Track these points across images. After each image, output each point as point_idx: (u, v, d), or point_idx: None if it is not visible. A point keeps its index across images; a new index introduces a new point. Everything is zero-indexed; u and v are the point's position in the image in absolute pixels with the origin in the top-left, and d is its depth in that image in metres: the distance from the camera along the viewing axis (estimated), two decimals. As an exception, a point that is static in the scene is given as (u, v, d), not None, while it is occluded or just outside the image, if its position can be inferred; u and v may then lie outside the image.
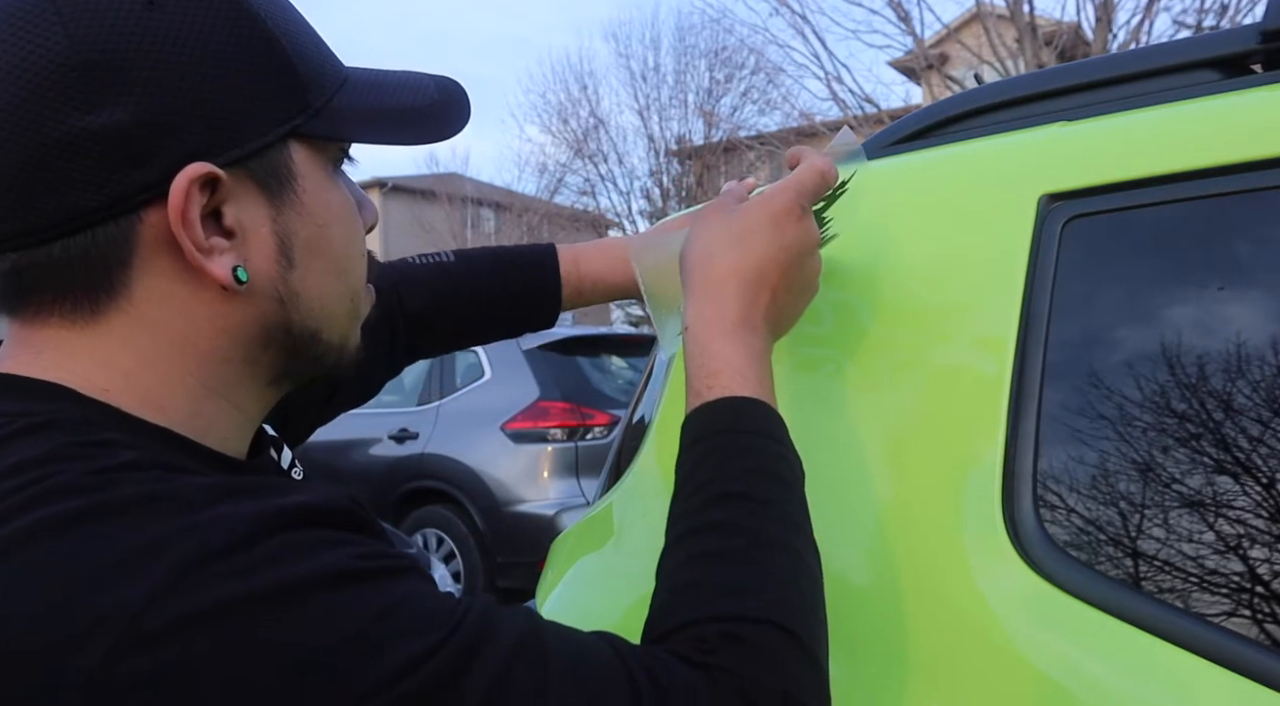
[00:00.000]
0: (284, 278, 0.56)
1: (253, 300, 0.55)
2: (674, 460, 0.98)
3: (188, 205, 0.51)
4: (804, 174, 0.74)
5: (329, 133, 0.57)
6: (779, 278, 0.70)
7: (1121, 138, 0.81)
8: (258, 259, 0.55)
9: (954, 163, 0.92)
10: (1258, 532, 0.66)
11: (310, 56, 0.56)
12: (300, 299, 0.57)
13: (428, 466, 4.95)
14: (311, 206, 0.57)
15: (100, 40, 0.49)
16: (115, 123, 0.49)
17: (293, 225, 0.56)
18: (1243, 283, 0.73)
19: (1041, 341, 0.77)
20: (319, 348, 0.60)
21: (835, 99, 11.06)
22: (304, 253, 0.57)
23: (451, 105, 0.63)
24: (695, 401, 0.68)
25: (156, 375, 0.53)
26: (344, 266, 0.60)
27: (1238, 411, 0.69)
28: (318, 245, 0.58)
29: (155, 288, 0.53)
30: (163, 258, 0.52)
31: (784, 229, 0.70)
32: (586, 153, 20.08)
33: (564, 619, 0.99)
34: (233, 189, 0.53)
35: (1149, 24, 9.19)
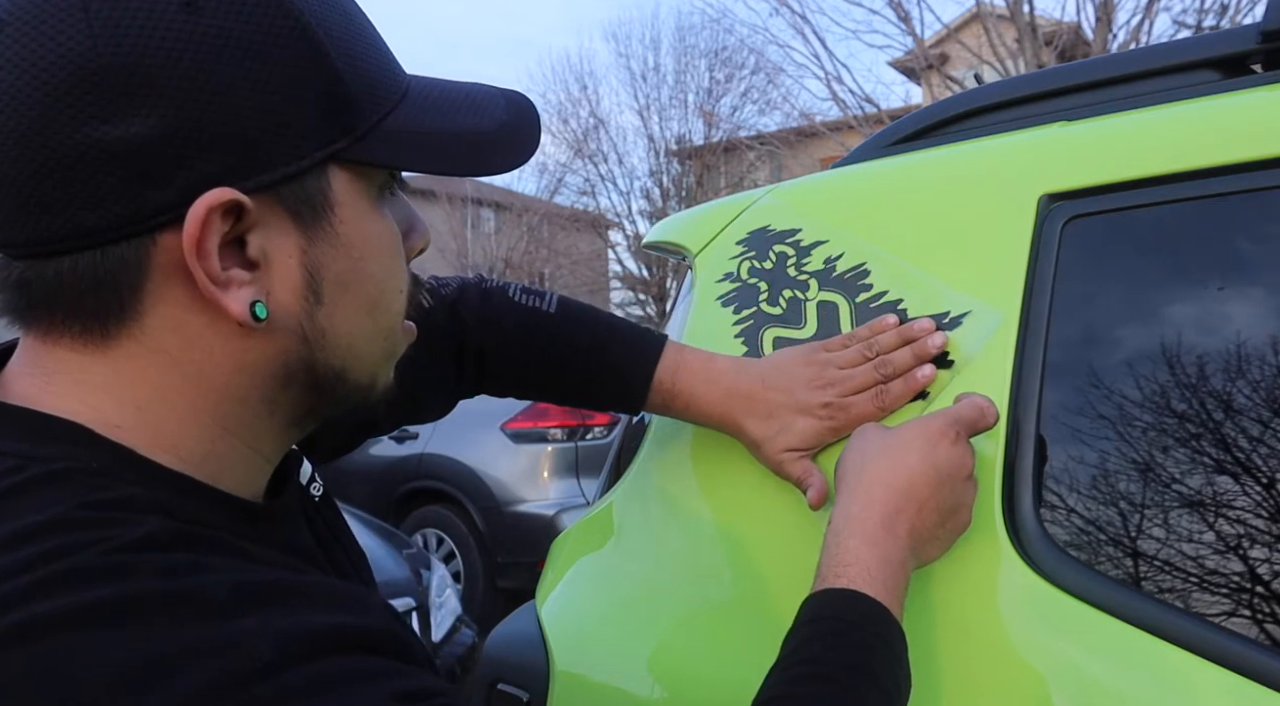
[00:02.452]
0: (310, 314, 0.51)
1: (274, 337, 0.50)
2: (674, 460, 0.98)
3: (204, 234, 0.46)
4: (964, 407, 0.73)
5: (374, 159, 0.51)
6: (928, 494, 0.69)
7: (1121, 138, 0.81)
8: (282, 293, 0.50)
9: (954, 163, 0.92)
10: (1258, 532, 0.66)
11: (364, 69, 0.51)
12: (327, 337, 0.52)
13: (428, 466, 4.95)
14: (348, 238, 0.51)
15: (127, 43, 0.44)
16: (134, 136, 0.44)
17: (325, 258, 0.51)
18: (1243, 283, 0.73)
19: (1041, 341, 0.77)
20: (344, 387, 0.55)
21: (835, 99, 11.06)
22: (335, 288, 0.51)
23: (520, 130, 0.57)
24: (820, 585, 0.66)
25: (170, 410, 0.49)
26: (379, 304, 0.55)
27: (1238, 411, 0.69)
28: (351, 280, 0.52)
29: (169, 316, 0.48)
30: (178, 285, 0.48)
31: (938, 448, 0.70)
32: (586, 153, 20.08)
33: (564, 619, 0.99)
34: (260, 216, 0.48)
35: (1149, 24, 9.19)
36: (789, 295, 0.93)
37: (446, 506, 4.92)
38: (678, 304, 1.12)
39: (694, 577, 0.92)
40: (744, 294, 0.96)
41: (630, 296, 20.58)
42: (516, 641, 1.02)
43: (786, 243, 0.95)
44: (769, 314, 0.93)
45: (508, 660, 1.01)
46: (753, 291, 0.96)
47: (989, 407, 0.73)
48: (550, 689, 0.97)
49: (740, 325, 0.95)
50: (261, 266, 0.49)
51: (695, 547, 0.92)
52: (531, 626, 1.01)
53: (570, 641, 0.99)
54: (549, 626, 0.99)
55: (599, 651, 0.97)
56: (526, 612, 1.05)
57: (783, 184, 1.07)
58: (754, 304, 0.95)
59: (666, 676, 0.91)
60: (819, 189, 1.01)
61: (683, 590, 0.92)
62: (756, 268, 0.97)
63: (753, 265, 0.97)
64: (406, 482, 5.03)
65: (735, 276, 0.98)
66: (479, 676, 1.03)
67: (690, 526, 0.94)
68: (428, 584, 3.01)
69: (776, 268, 0.95)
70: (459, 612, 3.17)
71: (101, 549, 0.41)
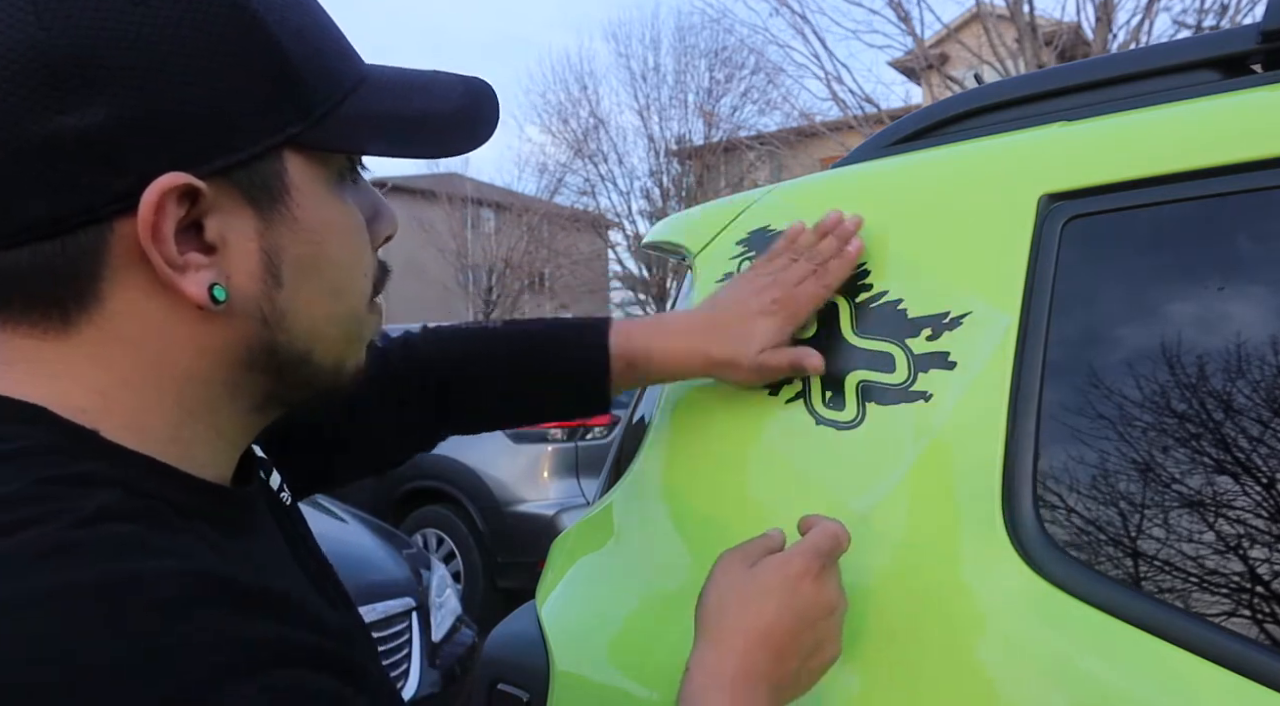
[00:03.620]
0: (270, 297, 0.52)
1: (235, 320, 0.51)
2: (674, 460, 0.98)
3: (159, 218, 0.46)
4: (818, 537, 0.72)
5: (330, 144, 0.52)
6: (787, 641, 0.68)
7: (1121, 138, 0.81)
8: (241, 277, 0.50)
9: (954, 163, 0.92)
10: (1258, 532, 0.66)
11: (318, 57, 0.51)
12: (288, 320, 0.52)
13: (428, 466, 4.95)
14: (306, 222, 0.52)
15: (76, 34, 0.44)
16: (86, 125, 0.45)
17: (282, 242, 0.51)
18: (1243, 283, 0.73)
19: (1041, 341, 0.77)
20: (308, 370, 0.55)
21: (835, 99, 11.06)
22: (294, 271, 0.52)
23: (477, 112, 0.58)
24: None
25: (133, 395, 0.50)
26: (341, 287, 0.55)
27: (1238, 411, 0.69)
28: (311, 264, 0.53)
29: (130, 302, 0.48)
30: (137, 271, 0.48)
31: (797, 592, 0.69)
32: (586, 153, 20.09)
33: (564, 619, 0.99)
34: (216, 201, 0.49)
35: (1149, 24, 9.19)
36: (789, 295, 0.93)
37: (446, 506, 4.92)
38: (678, 304, 1.12)
39: (694, 577, 0.92)
40: (744, 294, 0.96)
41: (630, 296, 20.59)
42: (516, 641, 1.02)
43: (786, 243, 0.95)
44: (769, 314, 0.93)
45: (508, 660, 1.01)
46: (753, 291, 0.95)
47: (842, 532, 0.72)
48: (550, 689, 0.97)
49: (740, 325, 0.95)
50: (219, 250, 0.49)
51: (695, 548, 0.92)
52: (531, 626, 1.01)
53: (570, 641, 0.99)
54: (549, 626, 0.99)
55: (599, 651, 0.97)
56: (526, 612, 1.05)
57: (783, 184, 1.07)
58: (754, 304, 0.95)
59: (666, 676, 0.91)
60: (819, 189, 1.01)
61: (682, 590, 0.92)
62: (756, 268, 0.97)
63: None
64: (406, 482, 5.03)
65: (735, 276, 0.98)
66: (479, 676, 1.03)
67: (690, 526, 0.94)
68: (428, 584, 3.01)
69: (776, 268, 0.95)
70: (459, 612, 3.17)
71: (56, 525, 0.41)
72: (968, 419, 0.78)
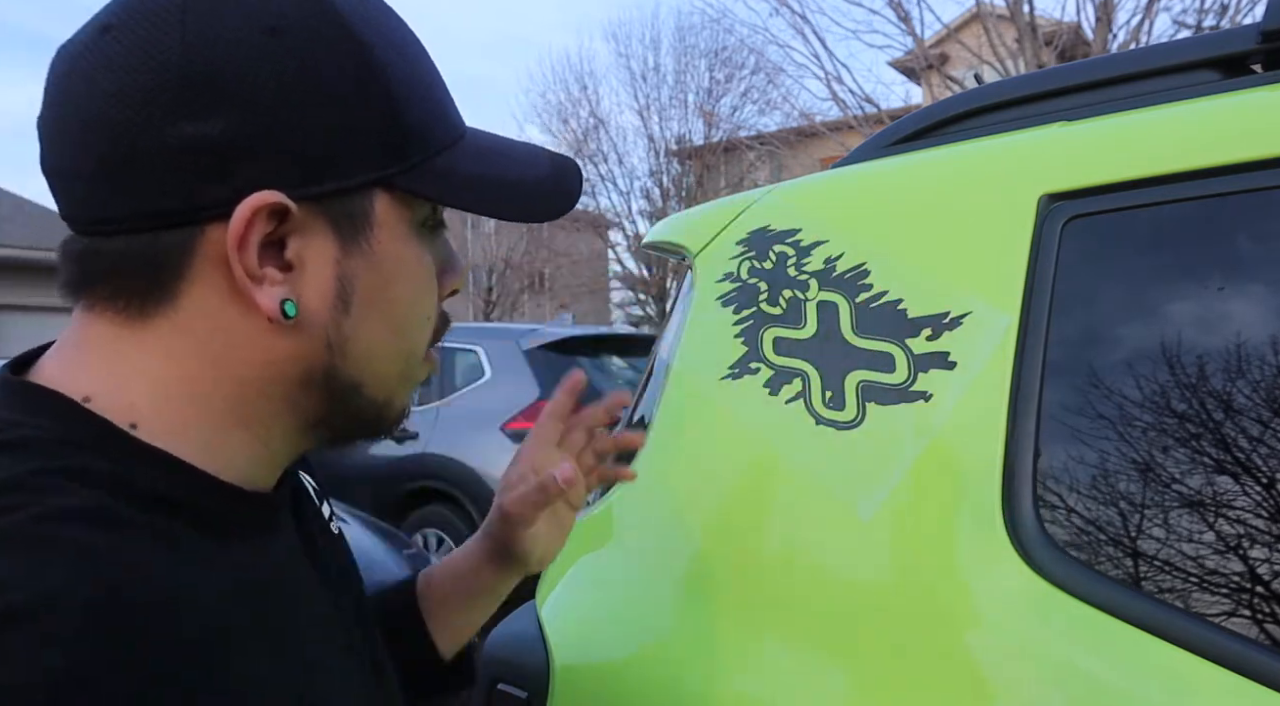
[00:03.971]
0: (337, 322, 0.54)
1: (301, 338, 0.53)
2: (673, 460, 0.98)
3: (248, 230, 0.50)
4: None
5: (421, 190, 0.55)
6: None
7: (1121, 138, 0.81)
8: (313, 297, 0.53)
9: (954, 163, 0.92)
10: (1258, 532, 0.66)
11: (424, 109, 0.55)
12: (349, 346, 0.55)
13: (428, 466, 4.95)
14: (382, 257, 0.55)
15: (213, 55, 0.49)
16: (205, 135, 0.49)
17: (357, 271, 0.54)
18: (1243, 283, 0.73)
19: (1041, 341, 0.77)
20: (360, 401, 0.57)
21: (835, 99, 11.05)
22: (363, 301, 0.55)
23: (561, 184, 0.62)
24: None
25: (186, 391, 0.52)
26: (404, 326, 0.58)
27: (1238, 411, 0.69)
28: (379, 297, 0.55)
29: (205, 302, 0.51)
30: (217, 276, 0.51)
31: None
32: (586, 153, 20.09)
33: (564, 619, 0.99)
34: (303, 222, 0.52)
35: (1149, 24, 9.19)
36: (789, 295, 0.93)
37: (446, 506, 4.92)
38: (678, 304, 1.12)
39: (693, 577, 0.92)
40: (744, 294, 0.96)
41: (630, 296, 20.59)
42: (516, 641, 1.02)
43: (786, 243, 0.95)
44: (769, 314, 0.93)
45: (508, 660, 1.01)
46: (753, 291, 0.96)
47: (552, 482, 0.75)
48: (550, 689, 0.97)
49: (740, 325, 0.95)
50: (296, 269, 0.52)
51: (695, 548, 0.92)
52: (531, 626, 1.01)
53: (570, 641, 0.99)
54: (549, 626, 0.99)
55: (599, 651, 0.97)
56: (526, 612, 1.05)
57: (783, 184, 1.07)
58: (754, 304, 0.95)
59: (666, 676, 0.91)
60: (819, 189, 1.01)
61: (682, 590, 0.92)
62: (756, 267, 0.97)
63: (753, 265, 0.97)
64: (406, 482, 5.03)
65: (735, 276, 0.98)
66: (479, 676, 1.03)
67: (690, 526, 0.94)
68: (428, 584, 3.01)
69: (776, 267, 0.95)
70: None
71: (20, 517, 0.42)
72: (968, 419, 0.78)
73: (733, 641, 0.87)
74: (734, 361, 0.94)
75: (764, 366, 0.91)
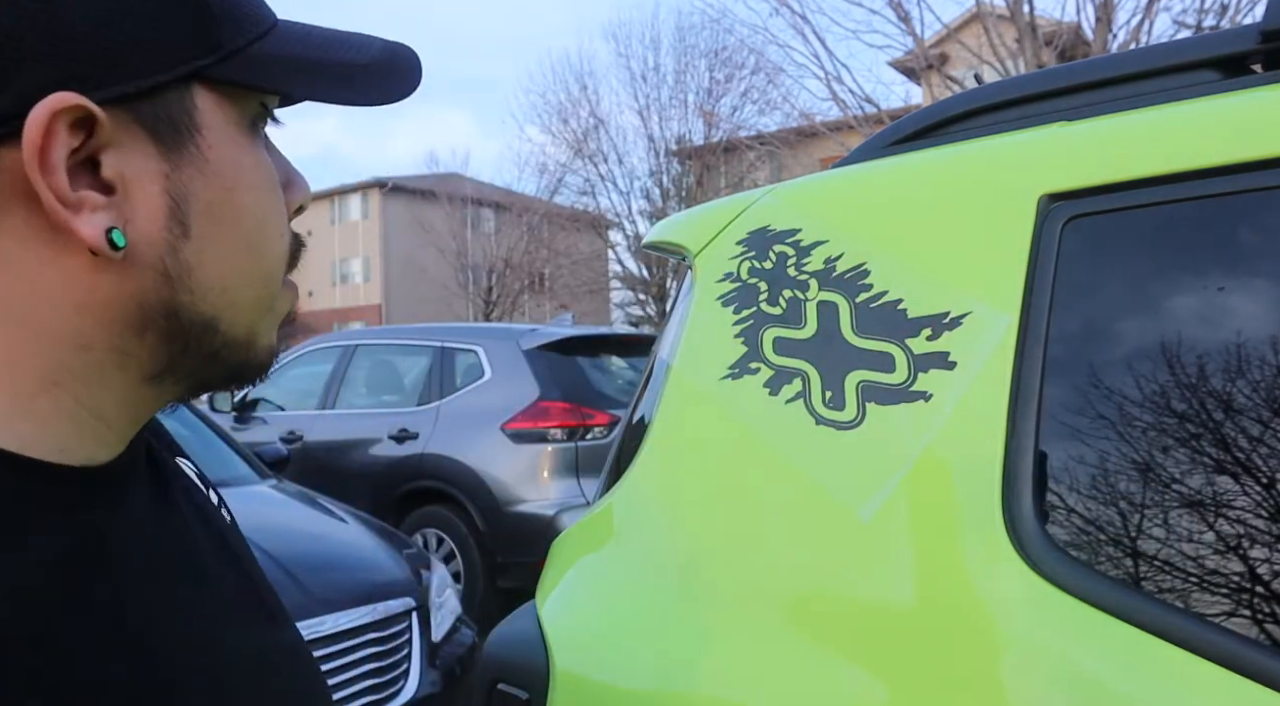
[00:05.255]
0: (175, 248, 0.45)
1: (130, 272, 0.45)
2: (674, 460, 0.98)
3: (49, 143, 0.41)
4: None
5: (245, 79, 0.47)
6: None
7: (1121, 138, 0.81)
8: (142, 222, 0.44)
9: (954, 163, 0.92)
10: (1258, 532, 0.66)
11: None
12: (195, 276, 0.46)
13: (428, 466, 4.95)
14: (218, 165, 0.47)
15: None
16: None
17: (192, 185, 0.46)
18: (1243, 282, 0.73)
19: (1041, 341, 0.77)
20: (216, 341, 0.49)
21: (835, 99, 11.05)
22: (204, 220, 0.46)
23: (398, 67, 0.53)
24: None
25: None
26: (257, 243, 0.49)
27: (1237, 411, 0.69)
28: (224, 212, 0.47)
29: (13, 242, 0.43)
30: (18, 209, 0.42)
31: None
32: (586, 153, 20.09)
33: (564, 619, 0.99)
34: (115, 134, 0.43)
35: (1149, 24, 9.19)
36: (789, 295, 0.93)
37: (446, 506, 4.92)
38: (677, 304, 1.12)
39: (693, 577, 0.92)
40: (744, 294, 0.96)
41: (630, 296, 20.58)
42: (516, 641, 1.02)
43: (786, 243, 0.95)
44: (769, 314, 0.93)
45: (508, 660, 1.01)
46: (753, 291, 0.96)
47: None
48: (550, 688, 0.97)
49: (740, 325, 0.95)
50: (119, 191, 0.44)
51: (694, 547, 0.92)
52: (531, 626, 1.01)
53: (570, 641, 0.99)
54: (549, 626, 0.99)
55: (599, 651, 0.97)
56: (526, 612, 1.05)
57: (783, 184, 1.07)
58: (754, 304, 0.95)
59: (666, 675, 0.91)
60: (819, 189, 1.01)
61: (681, 590, 0.92)
62: (756, 267, 0.97)
63: (753, 265, 0.97)
64: (406, 482, 5.03)
65: (735, 276, 0.98)
66: (479, 676, 1.03)
67: (690, 527, 0.94)
68: (428, 584, 3.01)
69: (776, 267, 0.95)
70: (459, 612, 3.17)
71: None
72: (968, 419, 0.78)
73: (733, 641, 0.87)
74: (734, 361, 0.94)
75: (764, 366, 0.91)
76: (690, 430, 0.96)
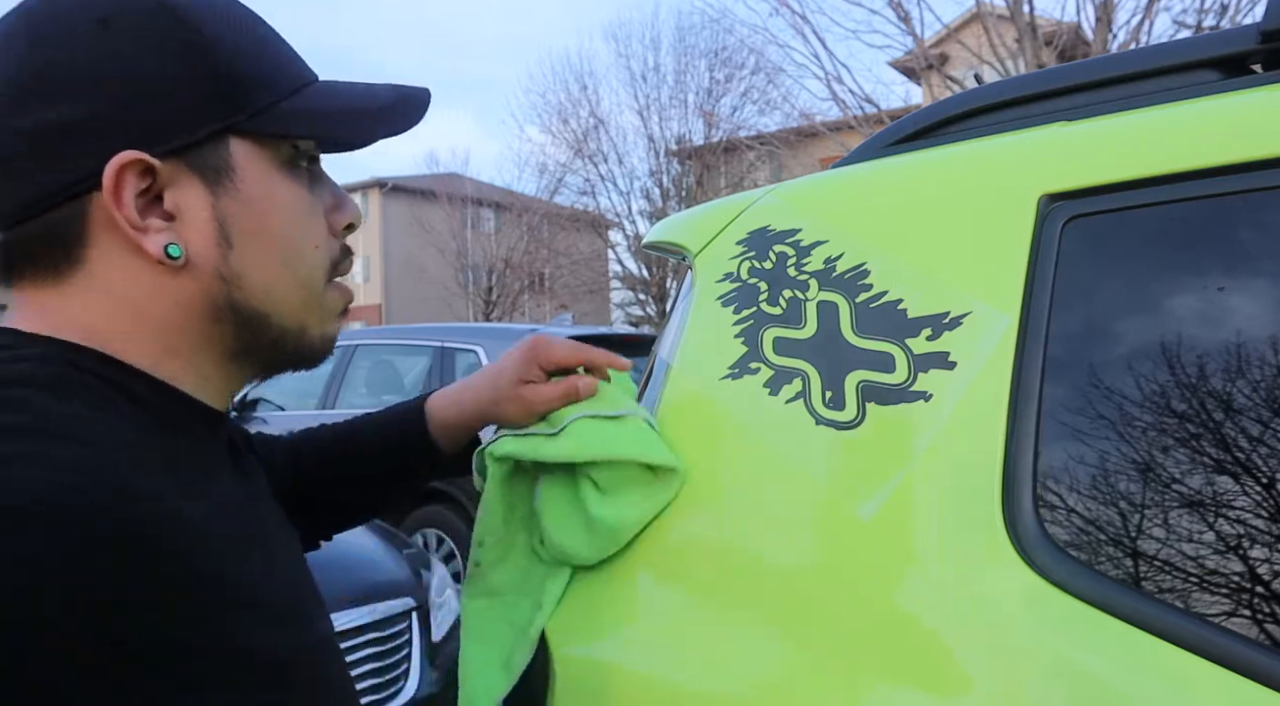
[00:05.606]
0: (225, 257, 0.62)
1: (197, 276, 0.61)
2: (674, 460, 0.98)
3: (120, 187, 0.58)
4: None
5: (269, 130, 0.63)
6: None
7: (1121, 138, 0.81)
8: (197, 239, 0.61)
9: (954, 163, 0.92)
10: (1258, 532, 0.66)
11: (258, 66, 0.63)
12: (243, 280, 0.63)
13: (428, 466, 4.94)
14: (251, 197, 0.62)
15: (56, 49, 0.57)
16: (64, 118, 0.57)
17: (231, 211, 0.62)
18: (1244, 283, 0.73)
19: (1041, 341, 0.77)
20: (273, 330, 0.65)
21: (835, 99, 11.05)
22: (244, 237, 0.62)
23: (404, 108, 0.68)
24: None
25: (116, 330, 0.60)
26: (289, 256, 0.65)
27: (1238, 411, 0.69)
28: (259, 233, 0.63)
29: (110, 260, 0.60)
30: (114, 234, 0.59)
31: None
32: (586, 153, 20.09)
33: (564, 616, 0.99)
34: (171, 177, 0.60)
35: (1149, 24, 9.19)
36: (789, 295, 0.93)
37: (446, 506, 4.92)
38: (678, 304, 1.12)
39: (692, 576, 0.92)
40: (744, 294, 0.96)
41: (630, 296, 20.59)
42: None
43: (786, 243, 0.95)
44: (769, 314, 0.93)
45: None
46: (753, 291, 0.96)
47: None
48: (550, 687, 0.97)
49: (740, 325, 0.95)
50: (177, 217, 0.61)
51: (694, 547, 0.92)
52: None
53: (570, 639, 0.99)
54: (549, 626, 0.99)
55: (599, 649, 0.97)
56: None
57: (783, 184, 1.07)
58: (754, 304, 0.95)
59: (666, 674, 0.91)
60: (819, 189, 1.01)
61: (681, 589, 0.92)
62: (756, 268, 0.97)
63: (753, 265, 0.97)
64: (406, 482, 5.02)
65: (735, 276, 0.98)
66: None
67: (689, 526, 0.94)
68: (428, 584, 3.01)
69: (776, 268, 0.95)
70: (459, 612, 3.17)
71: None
72: (968, 419, 0.78)
73: (732, 640, 0.87)
74: (734, 361, 0.94)
75: (764, 366, 0.91)
76: (689, 430, 0.96)
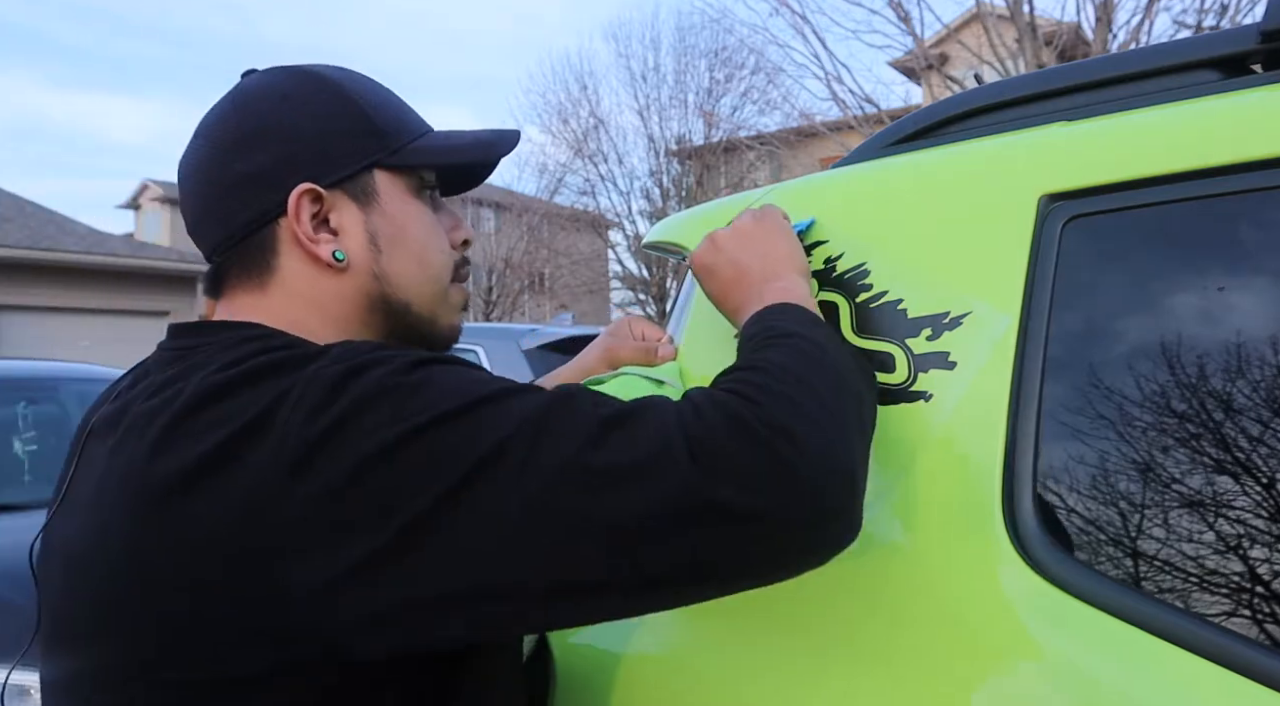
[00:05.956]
0: (376, 260, 0.82)
1: (358, 277, 0.82)
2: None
3: (298, 211, 0.79)
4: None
5: (402, 163, 0.84)
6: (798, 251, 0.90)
7: (1121, 138, 0.81)
8: (354, 247, 0.82)
9: (954, 163, 0.92)
10: (1258, 532, 0.66)
11: (389, 120, 0.84)
12: (390, 278, 0.83)
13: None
14: (392, 213, 0.84)
15: (255, 118, 0.81)
16: (260, 165, 0.80)
17: (379, 225, 0.83)
18: (1243, 282, 0.73)
19: (1041, 341, 0.77)
20: (412, 318, 0.85)
21: (835, 99, 11.05)
22: (390, 244, 0.83)
23: (498, 143, 0.89)
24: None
25: (309, 324, 0.80)
26: (422, 257, 0.85)
27: (1237, 411, 0.69)
28: (400, 240, 0.84)
29: (296, 269, 0.81)
30: (296, 247, 0.81)
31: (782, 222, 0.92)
32: (586, 153, 20.09)
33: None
34: (334, 202, 0.81)
35: (1149, 24, 9.19)
36: (789, 295, 0.92)
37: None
38: (678, 304, 1.12)
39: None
40: (744, 294, 0.96)
41: (630, 296, 20.58)
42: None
43: (786, 242, 0.95)
44: (769, 314, 0.93)
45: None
46: (753, 291, 0.95)
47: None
48: (550, 687, 0.97)
49: (740, 325, 0.95)
50: (340, 232, 0.82)
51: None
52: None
53: (570, 638, 0.99)
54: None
55: (599, 648, 0.97)
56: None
57: (783, 184, 1.07)
58: (754, 304, 0.95)
59: (666, 673, 0.91)
60: (819, 189, 1.01)
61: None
62: (756, 267, 0.96)
63: (753, 265, 0.97)
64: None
65: (735, 276, 0.98)
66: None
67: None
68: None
69: (776, 267, 0.94)
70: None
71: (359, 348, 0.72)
72: (968, 419, 0.78)
73: (732, 640, 0.87)
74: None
75: (764, 366, 0.91)
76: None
